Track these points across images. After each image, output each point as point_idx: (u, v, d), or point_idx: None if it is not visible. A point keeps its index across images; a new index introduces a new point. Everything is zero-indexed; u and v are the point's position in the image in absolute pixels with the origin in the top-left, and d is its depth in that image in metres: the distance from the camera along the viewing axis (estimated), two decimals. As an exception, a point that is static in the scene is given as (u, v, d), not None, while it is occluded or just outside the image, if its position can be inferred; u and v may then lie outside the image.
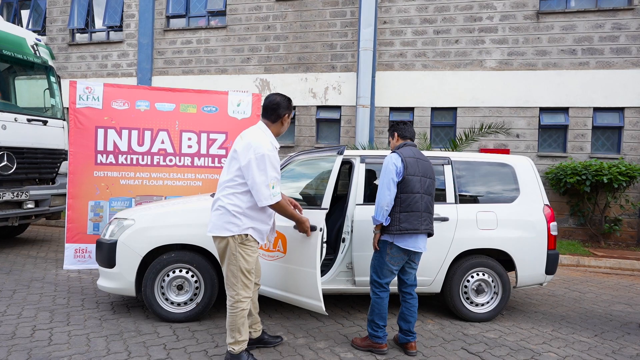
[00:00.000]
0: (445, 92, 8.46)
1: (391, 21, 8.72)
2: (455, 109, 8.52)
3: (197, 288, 3.56)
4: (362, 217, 3.68)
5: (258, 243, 2.82)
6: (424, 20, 8.57)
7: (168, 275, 3.53)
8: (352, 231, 3.66)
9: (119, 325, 3.42)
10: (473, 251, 3.85)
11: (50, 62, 6.69)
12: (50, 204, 6.38)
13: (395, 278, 3.20)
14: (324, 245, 2.89)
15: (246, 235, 2.69)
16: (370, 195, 3.86)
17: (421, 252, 3.13)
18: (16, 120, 5.89)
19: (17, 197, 5.90)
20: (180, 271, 3.55)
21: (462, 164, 3.99)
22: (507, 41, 8.22)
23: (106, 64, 10.19)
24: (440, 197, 3.89)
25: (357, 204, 3.74)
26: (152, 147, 5.38)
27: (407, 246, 3.02)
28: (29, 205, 6.11)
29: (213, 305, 3.68)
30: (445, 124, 8.65)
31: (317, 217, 2.85)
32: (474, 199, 3.98)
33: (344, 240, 3.72)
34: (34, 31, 10.80)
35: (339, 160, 3.02)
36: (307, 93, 9.11)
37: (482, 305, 3.86)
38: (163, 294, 3.53)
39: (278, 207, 2.67)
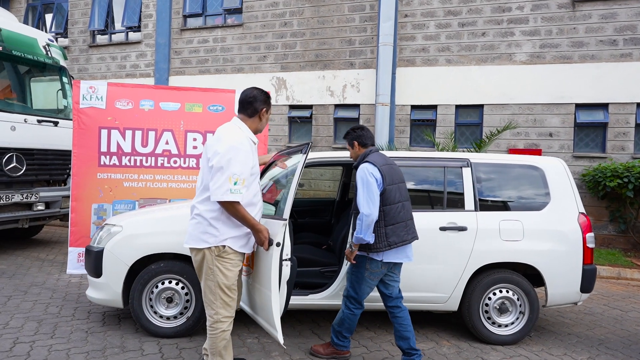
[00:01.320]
0: (471, 88, 7.93)
1: (413, 14, 8.26)
2: (481, 106, 7.98)
3: (187, 301, 3.30)
4: (368, 225, 3.32)
5: (243, 255, 2.53)
6: (448, 12, 8.07)
7: (157, 287, 3.28)
8: (357, 241, 3.30)
9: (104, 340, 3.19)
10: (495, 265, 3.41)
11: (63, 63, 6.64)
12: (61, 205, 6.31)
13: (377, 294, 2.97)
14: (287, 263, 2.48)
15: (223, 247, 2.40)
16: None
17: (402, 263, 2.93)
18: (26, 121, 5.83)
19: (27, 198, 5.84)
20: (170, 282, 3.29)
21: (484, 166, 3.55)
22: (539, 32, 7.61)
23: (125, 64, 10.20)
24: (458, 203, 3.47)
25: (363, 211, 3.37)
26: (156, 148, 5.18)
27: (397, 259, 2.84)
28: (39, 207, 6.05)
29: (205, 320, 3.39)
30: (470, 123, 8.12)
31: (274, 229, 2.47)
32: (496, 206, 3.54)
33: (348, 251, 3.36)
34: (57, 34, 10.97)
35: (302, 160, 2.59)
36: (325, 91, 8.78)
37: (506, 326, 3.41)
38: (152, 306, 3.28)
39: (232, 209, 2.33)
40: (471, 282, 3.37)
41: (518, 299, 3.41)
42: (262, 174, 3.08)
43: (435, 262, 3.32)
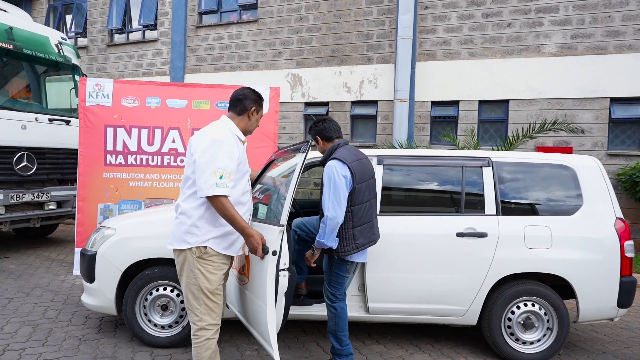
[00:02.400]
0: (496, 82, 7.50)
1: (433, 5, 7.88)
2: (507, 101, 7.53)
3: (183, 309, 3.10)
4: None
5: (228, 257, 2.34)
6: (470, 2, 7.65)
7: (151, 294, 3.09)
8: (365, 247, 3.03)
9: (96, 349, 3.03)
10: (519, 275, 3.06)
11: (75, 61, 6.59)
12: (73, 204, 6.25)
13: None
14: (284, 273, 2.20)
15: (205, 247, 2.23)
16: (391, 203, 3.20)
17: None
18: (37, 120, 5.80)
19: (38, 198, 5.81)
20: (165, 289, 3.10)
21: (507, 165, 3.21)
22: (571, 22, 7.11)
23: (142, 63, 10.18)
24: (477, 206, 3.14)
25: (371, 215, 3.09)
26: (162, 147, 5.03)
27: (362, 259, 2.77)
28: (51, 207, 6.01)
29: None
30: (495, 119, 7.68)
31: (270, 236, 2.22)
32: (521, 210, 3.19)
33: (356, 258, 3.09)
34: (77, 33, 11.08)
35: (301, 160, 2.34)
36: (341, 87, 8.49)
37: (532, 343, 3.07)
38: (145, 314, 3.10)
39: (220, 205, 2.15)
40: (492, 294, 3.04)
41: (545, 314, 3.06)
42: (259, 176, 2.85)
43: (451, 271, 3.01)
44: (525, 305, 3.06)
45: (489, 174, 3.16)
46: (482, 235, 3.01)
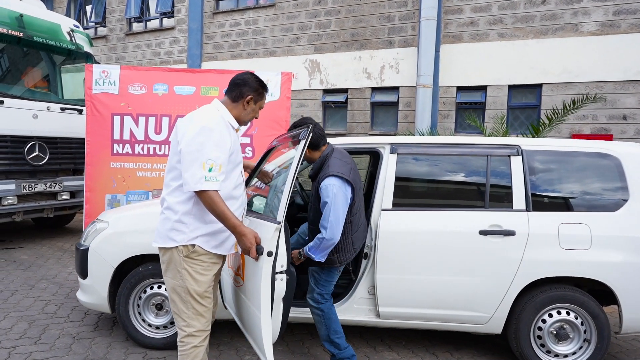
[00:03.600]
0: (528, 65, 6.95)
1: (460, -17, 7.35)
2: (539, 85, 6.97)
3: (178, 309, 2.89)
4: (390, 227, 2.73)
5: (220, 257, 2.12)
6: (501, -21, 7.08)
7: (145, 292, 2.90)
8: (376, 245, 2.73)
9: (88, 349, 2.87)
10: (552, 280, 2.70)
11: (88, 49, 6.47)
12: (87, 195, 6.20)
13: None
14: (282, 276, 1.92)
15: (193, 246, 2.01)
16: (405, 196, 2.88)
17: None
18: (49, 109, 5.72)
19: (51, 188, 5.76)
20: (160, 287, 2.90)
21: (539, 154, 2.82)
22: (613, -3, 6.46)
23: (159, 51, 10.07)
24: (504, 200, 2.78)
25: (383, 209, 2.78)
26: (170, 136, 4.81)
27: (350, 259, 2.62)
28: (64, 197, 5.96)
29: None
30: (526, 105, 7.15)
31: (265, 234, 1.96)
32: (555, 205, 2.80)
33: (366, 257, 2.80)
34: (96, 23, 11.07)
35: (300, 147, 2.05)
36: (361, 73, 8.11)
37: (566, 356, 2.70)
38: (139, 313, 2.91)
39: (209, 200, 1.91)
40: (520, 300, 2.69)
41: (582, 323, 2.68)
42: (257, 166, 2.59)
43: (473, 274, 2.67)
44: (559, 313, 2.70)
45: (518, 164, 2.78)
46: (509, 233, 2.65)
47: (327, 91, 8.50)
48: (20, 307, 3.54)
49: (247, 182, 2.62)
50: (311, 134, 2.41)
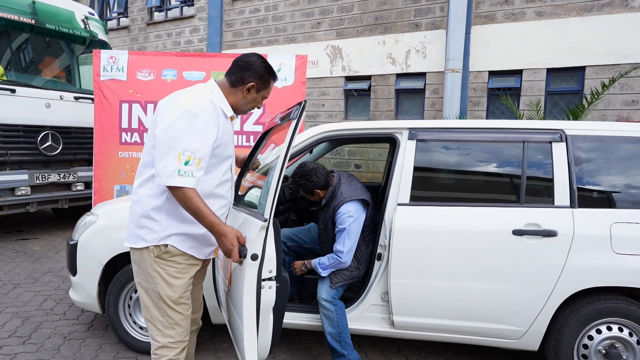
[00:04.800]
0: (569, 46, 6.32)
1: (494, -42, 6.76)
2: (582, 68, 6.34)
3: (172, 311, 2.63)
4: (406, 224, 2.37)
5: (198, 259, 1.83)
6: (540, -49, 6.45)
7: (136, 292, 2.65)
8: (390, 245, 2.37)
9: (77, 351, 2.66)
10: (601, 290, 2.26)
11: (102, 37, 6.33)
12: (102, 186, 6.10)
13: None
14: (270, 284, 1.59)
15: (165, 246, 1.73)
16: (425, 189, 2.50)
17: None
18: (62, 98, 5.61)
19: (65, 178, 5.67)
20: (152, 287, 2.64)
21: (588, 140, 2.38)
22: (670, -33, 5.75)
23: (179, 41, 9.92)
24: (544, 194, 2.36)
25: (399, 204, 2.41)
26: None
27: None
28: (79, 187, 5.87)
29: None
30: (566, 90, 6.53)
31: (250, 234, 1.66)
32: (607, 201, 2.35)
33: (379, 258, 2.45)
34: (119, 14, 11.03)
35: (291, 128, 1.70)
36: (385, 59, 7.66)
37: (616, 381, 2.28)
38: (130, 315, 2.68)
39: (182, 197, 1.63)
40: (561, 313, 2.27)
41: (638, 342, 2.24)
42: (250, 157, 2.27)
43: (505, 281, 2.27)
44: (609, 329, 2.27)
45: (561, 152, 2.34)
46: (549, 233, 2.23)
47: (349, 78, 8.11)
48: (18, 302, 3.40)
49: (241, 174, 2.32)
50: (317, 183, 2.50)
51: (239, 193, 2.34)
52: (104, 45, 6.31)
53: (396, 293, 2.36)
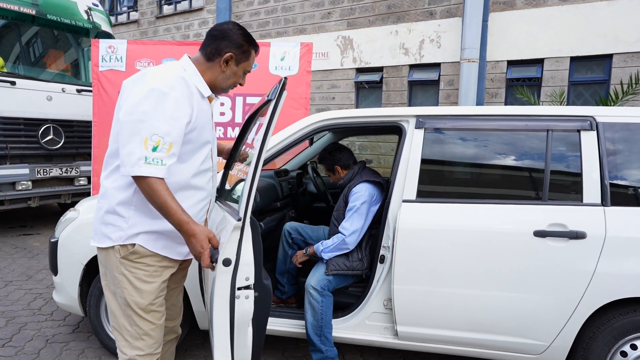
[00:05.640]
0: (595, 32, 5.91)
1: (514, -59, 6.38)
2: (609, 56, 5.92)
3: (157, 315, 2.43)
4: (413, 223, 2.11)
5: (172, 261, 1.63)
6: None
7: (119, 294, 2.46)
8: (394, 246, 2.11)
9: (57, 356, 2.50)
10: (636, 300, 1.97)
11: (106, 28, 6.19)
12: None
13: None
14: (246, 294, 1.35)
15: (132, 245, 1.53)
16: (434, 183, 2.24)
17: None
18: (64, 91, 5.48)
19: (67, 173, 5.55)
20: (135, 289, 2.44)
21: (623, 129, 2.07)
22: None
23: (188, 34, 9.77)
24: (570, 190, 2.07)
25: (404, 200, 2.15)
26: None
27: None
28: (81, 182, 5.76)
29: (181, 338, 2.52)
30: (592, 80, 6.12)
31: (224, 235, 1.45)
32: (644, 198, 2.05)
33: (382, 260, 2.19)
34: (129, 7, 10.94)
35: (269, 111, 1.46)
36: (398, 49, 7.34)
37: (654, 405, 1.98)
38: (113, 318, 2.48)
39: (147, 188, 1.41)
40: (590, 325, 1.99)
41: (681, 361, 1.95)
42: (236, 146, 2.04)
43: (525, 288, 2.00)
44: (646, 345, 1.97)
45: (591, 142, 2.05)
46: (576, 235, 1.95)
47: (360, 70, 7.82)
48: (7, 300, 3.25)
49: (228, 165, 2.09)
50: (340, 160, 2.56)
51: (227, 186, 2.12)
52: (108, 37, 6.15)
53: (400, 300, 2.11)
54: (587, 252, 1.94)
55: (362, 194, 2.31)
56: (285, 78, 1.45)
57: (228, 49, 1.58)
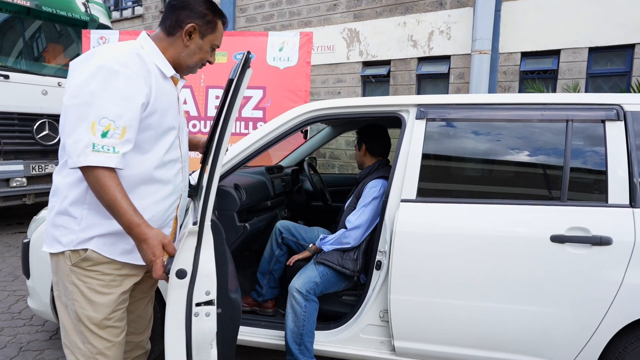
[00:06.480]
0: (616, 21, 5.57)
1: None
2: (631, 47, 5.58)
3: (133, 324, 2.24)
4: (412, 225, 1.87)
5: (133, 267, 1.42)
6: None
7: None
8: (391, 252, 1.88)
9: (28, 366, 2.31)
10: (672, 316, 1.71)
11: (104, 21, 6.03)
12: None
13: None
14: (207, 310, 1.13)
15: (85, 250, 1.33)
16: (436, 180, 2.00)
17: None
18: (60, 85, 5.33)
19: (63, 169, 5.41)
20: (110, 295, 2.25)
21: (653, 119, 1.80)
22: None
23: (192, 28, 9.61)
24: (593, 190, 1.81)
25: (403, 200, 1.91)
26: (172, 110, 4.22)
27: None
28: (78, 179, 5.61)
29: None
30: (611, 72, 5.78)
31: (182, 242, 1.22)
32: (680, 198, 1.78)
33: (378, 267, 1.96)
34: (133, 2, 10.82)
35: (231, 93, 1.22)
36: (406, 42, 7.06)
37: None
38: (87, 326, 2.29)
39: (93, 180, 1.22)
40: (616, 345, 1.73)
41: None
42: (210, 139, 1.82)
43: (540, 301, 1.75)
44: (682, 368, 1.71)
45: (617, 134, 1.78)
46: (601, 241, 1.69)
47: (366, 64, 7.56)
48: (-12, 302, 3.10)
49: (204, 161, 1.88)
50: (373, 143, 2.38)
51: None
52: (106, 29, 6.01)
53: (397, 312, 1.88)
54: (613, 260, 1.68)
55: (375, 190, 2.17)
56: (249, 52, 1.23)
57: (190, 20, 1.38)
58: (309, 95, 4.35)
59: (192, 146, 1.82)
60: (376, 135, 2.42)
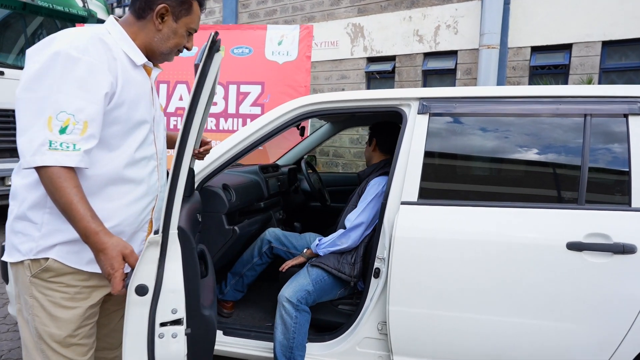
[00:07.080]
0: (631, 14, 5.35)
1: None
2: (646, 40, 5.36)
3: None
4: (413, 230, 1.71)
5: (100, 277, 1.26)
6: None
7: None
8: (390, 259, 1.72)
9: (6, 377, 2.19)
10: None
11: (102, 16, 5.91)
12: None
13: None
14: (174, 331, 0.99)
15: (46, 259, 1.19)
16: (440, 180, 1.84)
17: None
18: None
19: (60, 167, 5.32)
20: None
21: (682, 113, 1.62)
22: None
23: (195, 24, 9.50)
24: (613, 192, 1.64)
25: (403, 202, 1.75)
26: (168, 106, 4.09)
27: None
28: (76, 177, 5.52)
29: None
30: (626, 67, 5.56)
31: (142, 253, 1.09)
32: None
33: (376, 274, 1.80)
34: None
35: (195, 81, 1.09)
36: (411, 37, 6.87)
37: None
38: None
39: (47, 181, 1.08)
40: (640, 363, 1.56)
41: None
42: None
43: (554, 315, 1.58)
44: None
45: (642, 130, 1.61)
46: (624, 249, 1.52)
47: (371, 59, 7.39)
48: (-26, 306, 2.99)
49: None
50: (386, 138, 2.22)
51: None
52: (105, 25, 5.91)
53: (397, 324, 1.72)
54: (637, 270, 1.51)
55: (378, 187, 2.05)
56: (216, 33, 1.07)
57: (161, 0, 1.23)
58: (309, 91, 4.19)
59: (173, 143, 1.67)
60: (389, 131, 2.27)
